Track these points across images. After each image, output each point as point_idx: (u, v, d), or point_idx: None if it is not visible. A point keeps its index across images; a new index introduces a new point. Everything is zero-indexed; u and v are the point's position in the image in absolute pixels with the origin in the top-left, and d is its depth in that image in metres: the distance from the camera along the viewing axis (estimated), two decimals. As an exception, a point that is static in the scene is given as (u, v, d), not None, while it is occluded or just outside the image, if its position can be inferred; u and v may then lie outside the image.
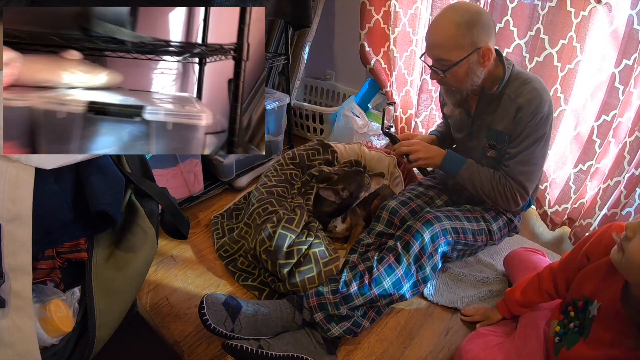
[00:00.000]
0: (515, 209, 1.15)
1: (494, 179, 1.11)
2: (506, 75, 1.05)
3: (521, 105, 1.02)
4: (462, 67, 1.02)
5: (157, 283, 1.20)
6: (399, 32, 1.65)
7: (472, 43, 0.99)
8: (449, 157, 1.17)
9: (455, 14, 0.99)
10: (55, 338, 0.68)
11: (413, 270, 1.03)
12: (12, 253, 0.61)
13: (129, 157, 0.89)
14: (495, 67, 1.08)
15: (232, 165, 1.59)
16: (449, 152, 1.18)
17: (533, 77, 1.05)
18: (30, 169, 0.63)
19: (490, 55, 1.01)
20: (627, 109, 1.15)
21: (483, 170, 1.13)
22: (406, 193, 1.26)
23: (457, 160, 1.16)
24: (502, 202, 1.12)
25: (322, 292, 1.03)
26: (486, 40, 1.00)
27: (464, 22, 0.97)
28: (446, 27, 0.99)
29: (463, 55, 1.00)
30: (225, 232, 1.39)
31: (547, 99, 1.02)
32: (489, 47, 1.00)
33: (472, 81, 1.06)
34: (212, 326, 0.92)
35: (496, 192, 1.11)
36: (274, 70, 1.94)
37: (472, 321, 1.09)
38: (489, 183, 1.11)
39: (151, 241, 0.82)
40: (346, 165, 1.58)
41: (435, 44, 1.03)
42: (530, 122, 1.01)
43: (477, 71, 1.04)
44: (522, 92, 1.02)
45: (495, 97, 1.08)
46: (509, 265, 1.23)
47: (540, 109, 1.00)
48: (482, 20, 0.99)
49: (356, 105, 1.82)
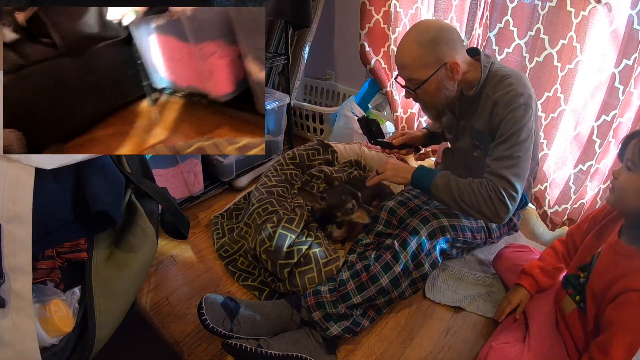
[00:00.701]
0: (505, 213, 0.99)
1: (473, 183, 1.02)
2: (482, 76, 1.05)
3: (496, 101, 1.02)
4: (431, 84, 1.04)
5: (157, 283, 1.20)
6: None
7: (438, 60, 1.01)
8: (419, 171, 1.10)
9: (418, 34, 1.01)
10: (55, 338, 0.68)
11: (411, 267, 1.02)
12: (12, 253, 0.61)
13: (129, 157, 0.89)
14: (471, 71, 1.07)
15: (232, 165, 1.59)
16: (420, 166, 1.12)
17: (511, 73, 1.03)
18: (30, 169, 0.63)
19: (459, 69, 1.02)
20: (627, 109, 1.15)
21: (460, 180, 1.04)
22: (405, 193, 1.26)
23: (428, 172, 1.09)
24: (489, 208, 0.99)
25: (319, 291, 1.03)
26: (452, 54, 1.01)
27: (426, 41, 0.99)
28: (410, 47, 1.02)
29: (430, 72, 1.02)
30: (225, 232, 1.39)
31: (523, 91, 0.99)
32: (455, 61, 1.01)
33: (445, 95, 1.07)
34: (211, 326, 0.93)
35: (479, 197, 0.99)
36: (274, 70, 1.94)
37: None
38: (469, 188, 1.01)
39: (151, 241, 0.82)
40: (346, 165, 1.58)
41: (402, 65, 1.05)
42: (507, 115, 0.99)
43: (447, 85, 1.05)
44: (498, 88, 1.02)
45: (474, 99, 1.09)
46: (498, 268, 1.24)
47: (515, 100, 0.98)
48: (444, 36, 1.00)
49: (356, 105, 1.82)
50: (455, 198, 1.02)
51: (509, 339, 0.97)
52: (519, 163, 0.99)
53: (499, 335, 1.00)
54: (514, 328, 1.01)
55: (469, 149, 1.15)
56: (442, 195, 1.05)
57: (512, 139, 0.98)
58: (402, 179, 1.12)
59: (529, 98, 0.99)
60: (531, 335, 0.96)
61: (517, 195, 0.99)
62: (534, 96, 1.01)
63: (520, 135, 0.98)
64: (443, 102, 1.10)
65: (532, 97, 1.00)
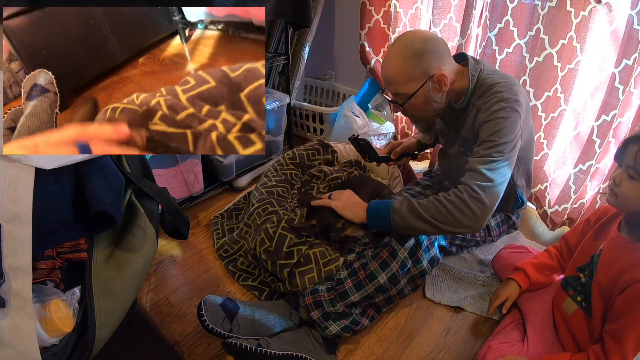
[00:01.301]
0: (482, 211, 0.89)
1: (438, 196, 0.94)
2: (470, 86, 1.03)
3: (479, 107, 1.01)
4: (419, 97, 1.02)
5: (157, 283, 1.20)
6: (399, 32, 1.65)
7: (424, 72, 0.99)
8: (374, 204, 1.03)
9: (402, 47, 0.98)
10: (55, 338, 0.68)
11: (409, 264, 1.02)
12: (12, 253, 0.61)
13: (129, 157, 0.89)
14: (458, 80, 1.05)
15: (232, 165, 1.59)
16: (372, 201, 1.04)
17: (500, 81, 1.00)
18: (30, 169, 0.63)
19: (447, 80, 1.00)
20: (627, 109, 1.15)
21: (421, 200, 0.96)
22: (403, 192, 1.26)
23: (383, 204, 1.00)
24: (464, 214, 0.89)
25: (317, 290, 1.03)
26: (438, 66, 0.99)
27: (411, 54, 0.97)
28: (395, 61, 1.00)
29: (417, 86, 1.00)
30: (225, 232, 1.39)
31: (509, 96, 0.95)
32: (442, 73, 0.98)
33: (433, 108, 1.05)
34: (210, 326, 0.93)
35: (449, 207, 0.90)
36: (274, 70, 1.94)
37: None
38: (435, 203, 0.92)
39: (151, 241, 0.82)
40: (346, 165, 1.58)
41: (388, 79, 1.04)
42: (487, 118, 0.96)
43: (435, 98, 1.03)
44: (484, 97, 1.00)
45: (462, 110, 1.07)
46: (496, 269, 1.24)
47: (497, 104, 0.95)
48: (429, 48, 0.97)
49: (356, 105, 1.82)
50: (425, 218, 0.91)
51: (508, 339, 0.98)
52: (495, 162, 0.92)
53: (498, 335, 1.01)
54: (513, 328, 1.02)
55: (459, 156, 1.14)
56: (410, 221, 0.93)
57: (492, 139, 0.94)
58: (352, 214, 1.04)
59: (515, 102, 0.95)
60: (529, 336, 0.96)
61: (496, 191, 0.90)
62: (522, 101, 0.97)
63: (501, 137, 0.93)
64: (432, 115, 1.08)
65: (518, 101, 0.95)
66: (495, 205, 0.91)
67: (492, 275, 1.25)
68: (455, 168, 1.16)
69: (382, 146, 1.87)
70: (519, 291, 1.07)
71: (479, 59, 1.08)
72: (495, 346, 0.95)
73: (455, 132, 1.14)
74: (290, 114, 1.81)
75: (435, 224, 0.91)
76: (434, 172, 1.43)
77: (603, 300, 0.86)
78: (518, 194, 1.21)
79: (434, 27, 1.58)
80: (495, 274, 1.25)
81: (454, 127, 1.14)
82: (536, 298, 1.06)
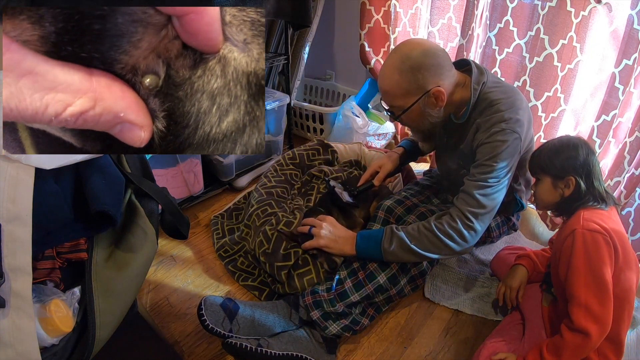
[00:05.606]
0: (476, 240, 0.95)
1: (427, 224, 0.96)
2: (472, 100, 1.00)
3: (479, 125, 0.99)
4: (414, 111, 0.99)
5: (157, 283, 1.20)
6: (399, 32, 1.65)
7: (420, 87, 0.95)
8: (361, 241, 1.02)
9: (399, 59, 0.95)
10: (55, 338, 0.68)
11: (409, 264, 1.02)
12: (12, 253, 0.61)
13: (129, 157, 0.89)
14: (458, 92, 1.01)
15: (232, 165, 1.59)
16: (359, 235, 1.03)
17: (502, 97, 0.98)
18: (30, 169, 0.63)
19: (444, 96, 0.96)
20: (627, 109, 1.15)
21: (408, 230, 0.98)
22: (402, 192, 1.25)
23: (372, 239, 1.00)
24: (458, 243, 0.94)
25: (317, 290, 1.03)
26: (436, 81, 0.95)
27: (407, 68, 0.93)
28: (391, 74, 0.96)
29: (412, 100, 0.97)
30: (226, 232, 1.39)
31: (511, 116, 0.94)
32: (439, 88, 0.95)
33: (429, 122, 1.03)
34: (210, 326, 0.93)
35: (443, 236, 0.93)
36: (274, 70, 1.94)
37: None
38: (426, 233, 0.95)
39: (151, 241, 0.82)
40: (346, 165, 1.58)
41: (383, 91, 1.01)
42: (486, 140, 0.95)
43: (431, 112, 1.00)
44: (485, 114, 0.99)
45: (462, 125, 1.06)
46: (495, 270, 1.24)
47: (497, 125, 0.94)
48: (427, 62, 0.93)
49: (356, 105, 1.82)
50: (418, 253, 0.95)
51: (505, 337, 0.99)
52: (490, 187, 0.94)
53: (496, 334, 1.02)
54: (511, 328, 1.02)
55: (457, 168, 1.13)
56: (403, 257, 0.97)
57: (489, 164, 0.94)
58: (339, 251, 1.04)
59: (515, 123, 0.94)
60: (526, 335, 0.97)
61: (485, 215, 0.94)
62: (523, 119, 0.96)
63: (498, 162, 0.93)
64: (428, 127, 1.06)
65: (519, 121, 0.94)
66: (485, 228, 0.97)
67: (493, 276, 1.25)
68: (454, 173, 1.15)
69: (381, 145, 1.87)
70: (527, 277, 1.08)
71: (483, 69, 1.03)
72: (490, 344, 0.96)
73: (454, 143, 1.12)
74: (290, 114, 1.81)
75: (428, 256, 0.96)
76: (434, 172, 1.43)
77: (559, 281, 0.89)
78: (517, 198, 1.21)
79: (431, 27, 1.58)
80: (494, 275, 1.25)
81: (453, 137, 1.12)
82: (536, 297, 1.06)
